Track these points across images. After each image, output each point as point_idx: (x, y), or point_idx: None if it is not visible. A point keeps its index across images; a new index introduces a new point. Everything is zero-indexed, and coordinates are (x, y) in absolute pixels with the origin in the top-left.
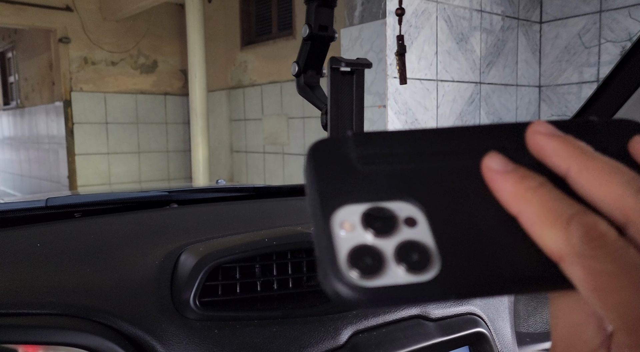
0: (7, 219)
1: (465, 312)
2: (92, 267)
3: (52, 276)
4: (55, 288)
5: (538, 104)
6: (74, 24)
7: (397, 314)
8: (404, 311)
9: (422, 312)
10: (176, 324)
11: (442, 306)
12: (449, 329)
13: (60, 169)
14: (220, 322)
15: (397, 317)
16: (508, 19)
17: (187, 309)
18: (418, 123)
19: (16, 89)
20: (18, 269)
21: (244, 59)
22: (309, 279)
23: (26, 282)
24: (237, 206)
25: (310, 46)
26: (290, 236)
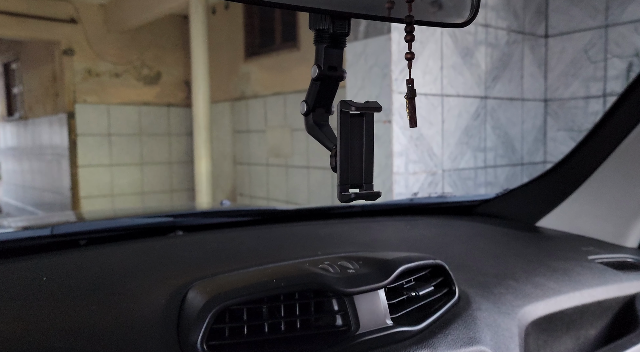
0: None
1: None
2: (98, 305)
3: (58, 316)
4: (61, 330)
5: (544, 118)
6: (78, 36)
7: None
8: None
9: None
10: None
11: (453, 347)
12: None
13: (63, 181)
14: None
15: None
16: (513, 34)
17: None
18: (423, 138)
19: (20, 100)
20: (23, 306)
21: (248, 70)
22: (317, 320)
23: (32, 323)
24: (243, 232)
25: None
26: (299, 276)
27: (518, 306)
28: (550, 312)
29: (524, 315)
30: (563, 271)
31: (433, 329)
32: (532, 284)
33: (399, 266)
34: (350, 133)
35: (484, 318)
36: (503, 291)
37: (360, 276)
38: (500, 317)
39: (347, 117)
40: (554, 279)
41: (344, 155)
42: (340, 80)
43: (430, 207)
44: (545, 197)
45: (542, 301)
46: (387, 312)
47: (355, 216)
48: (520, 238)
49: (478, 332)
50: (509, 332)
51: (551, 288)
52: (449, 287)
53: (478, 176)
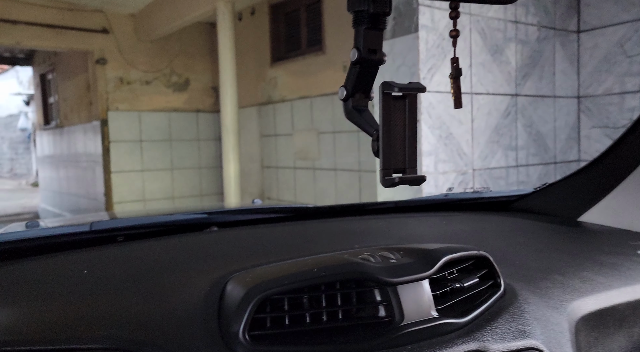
0: (53, 244)
1: (526, 346)
2: (139, 296)
3: (101, 307)
4: (105, 320)
5: (577, 116)
6: (110, 46)
7: (455, 349)
8: (461, 346)
9: (480, 347)
10: None
11: (502, 341)
12: None
13: (97, 186)
14: None
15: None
16: (544, 30)
17: (237, 342)
18: (453, 137)
19: (56, 109)
20: (67, 298)
21: (274, 75)
22: (359, 311)
23: (76, 313)
24: (277, 228)
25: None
26: (340, 265)
27: (566, 300)
28: (600, 307)
29: (573, 310)
30: (612, 265)
31: (480, 321)
32: (579, 279)
33: (442, 256)
34: (393, 116)
35: (532, 312)
36: (549, 285)
37: (403, 265)
38: (549, 312)
39: (389, 99)
40: (602, 274)
41: (386, 139)
42: (380, 64)
43: (465, 202)
44: (588, 191)
45: (591, 295)
46: (432, 303)
47: (389, 212)
48: (563, 233)
49: (527, 326)
50: (559, 327)
51: (600, 283)
52: (493, 279)
53: (510, 175)
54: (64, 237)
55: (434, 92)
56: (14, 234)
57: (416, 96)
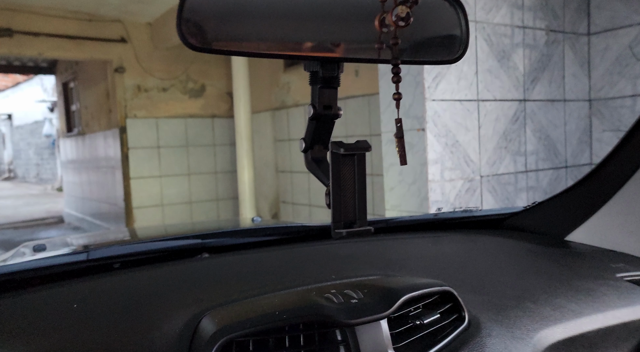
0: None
1: None
2: (120, 331)
3: (81, 344)
4: None
5: (589, 119)
6: (128, 54)
7: None
8: None
9: None
10: None
11: None
12: None
13: (117, 192)
14: None
15: None
16: (553, 33)
17: None
18: (459, 145)
19: (78, 117)
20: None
21: (287, 80)
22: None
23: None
24: (265, 254)
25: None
26: (302, 307)
27: (534, 329)
28: (569, 335)
29: (539, 340)
30: (586, 291)
31: None
32: (551, 306)
33: (402, 295)
34: (342, 172)
35: (493, 345)
36: (520, 314)
37: (362, 306)
38: (513, 343)
39: (338, 157)
40: (575, 301)
41: (336, 194)
42: (335, 119)
43: (456, 221)
44: (575, 210)
45: (560, 323)
46: (389, 342)
47: (379, 233)
48: (546, 255)
49: None
50: None
51: (571, 310)
52: (458, 313)
53: (519, 181)
54: (62, 266)
55: (439, 100)
56: (12, 265)
57: (364, 154)
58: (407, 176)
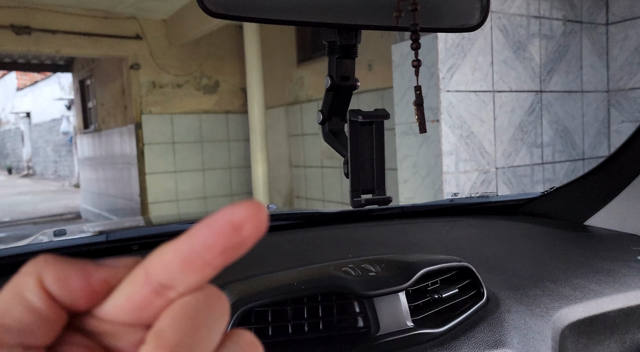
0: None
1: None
2: None
3: None
4: None
5: (607, 110)
6: (143, 51)
7: None
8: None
9: None
10: None
11: (476, 350)
12: None
13: (132, 187)
14: None
15: None
16: (570, 24)
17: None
18: (474, 136)
19: (94, 114)
20: None
21: (301, 75)
22: (340, 322)
23: None
24: (282, 236)
25: (333, 96)
26: (321, 279)
27: (553, 308)
28: (590, 314)
29: (559, 318)
30: (607, 271)
31: (456, 331)
32: (570, 286)
33: (420, 269)
34: (361, 141)
35: (512, 320)
36: (538, 293)
37: (380, 278)
38: (532, 320)
39: (356, 125)
40: (595, 281)
41: (354, 163)
42: (353, 90)
43: (472, 207)
44: (594, 195)
45: (581, 302)
46: (407, 314)
47: (394, 218)
48: (564, 238)
49: (504, 335)
50: (540, 334)
51: (592, 290)
52: (476, 289)
53: (535, 173)
54: (82, 247)
55: (454, 91)
56: (35, 245)
57: (382, 122)
58: (421, 167)
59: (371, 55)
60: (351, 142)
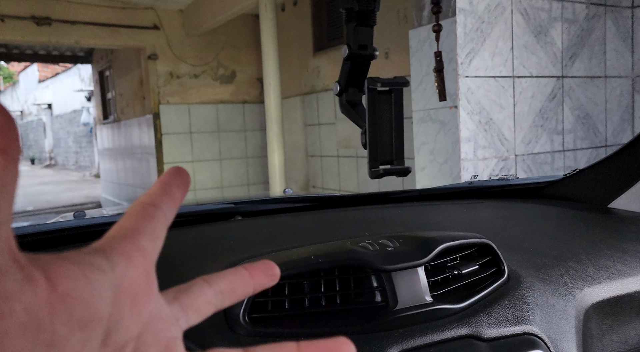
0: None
1: (522, 332)
2: None
3: None
4: None
5: (632, 96)
6: (160, 42)
7: (447, 333)
8: (454, 330)
9: (474, 332)
10: (226, 339)
11: (497, 326)
12: (503, 350)
13: (151, 177)
14: (269, 338)
15: (446, 337)
16: (594, 7)
17: (237, 324)
18: (493, 123)
19: (113, 104)
20: None
21: (317, 64)
22: (357, 296)
23: None
24: (299, 217)
25: (350, 66)
26: (338, 252)
27: (577, 287)
28: (615, 294)
29: (583, 297)
30: (633, 252)
31: (476, 307)
32: (595, 266)
33: (439, 244)
34: (379, 110)
35: (534, 298)
36: (561, 272)
37: (398, 253)
38: (555, 299)
39: (374, 94)
40: (621, 261)
41: (372, 132)
42: (371, 59)
43: (491, 190)
44: (619, 177)
45: (606, 282)
46: (426, 290)
47: (412, 200)
48: (588, 220)
49: (526, 312)
50: (563, 313)
51: (617, 270)
52: (497, 266)
53: (556, 160)
54: (100, 227)
55: (473, 77)
56: (57, 223)
57: (401, 90)
58: (439, 155)
59: (388, 43)
60: (369, 111)
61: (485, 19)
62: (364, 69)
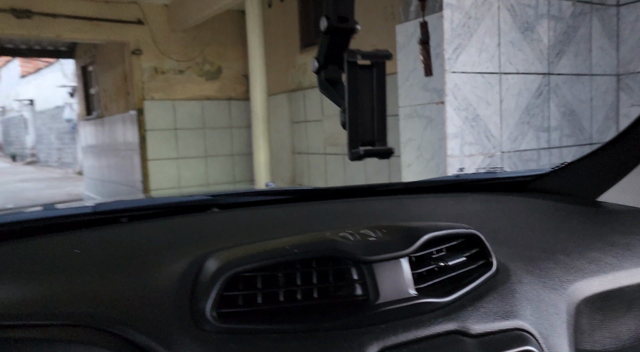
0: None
1: (511, 327)
2: (121, 274)
3: (78, 285)
4: (77, 297)
5: (616, 94)
6: (145, 36)
7: (431, 329)
8: (439, 326)
9: (460, 328)
10: (192, 336)
11: (485, 321)
12: (491, 347)
13: (135, 174)
14: (239, 336)
15: (431, 333)
16: (580, 4)
17: (204, 320)
18: (480, 119)
19: (97, 100)
20: (49, 277)
21: (304, 61)
22: (336, 290)
23: (50, 290)
24: (277, 209)
25: (329, 40)
26: (315, 242)
27: (568, 281)
28: (606, 288)
29: (574, 291)
30: (624, 245)
31: (463, 301)
32: (586, 259)
33: (424, 234)
34: (360, 86)
35: (524, 292)
36: (552, 265)
37: (381, 243)
38: (545, 292)
39: (355, 68)
40: (612, 254)
41: (352, 110)
42: (352, 33)
43: (478, 183)
44: (607, 170)
45: (597, 276)
46: (410, 283)
47: (397, 193)
48: (577, 213)
49: (516, 306)
50: (554, 308)
51: (608, 263)
52: (485, 259)
53: (542, 157)
54: (68, 218)
55: (460, 72)
56: (19, 214)
57: (384, 65)
58: (425, 151)
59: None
60: (349, 86)
61: (472, 14)
62: (344, 44)
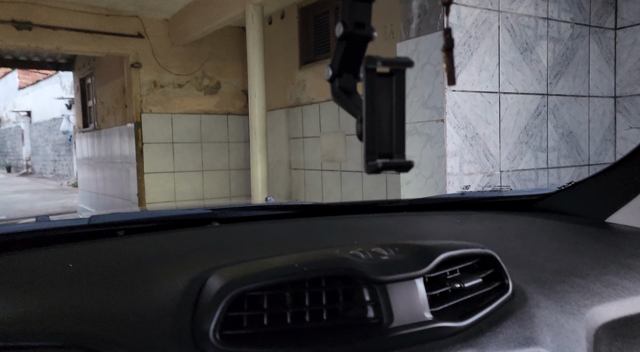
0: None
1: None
2: (116, 290)
3: (71, 301)
4: (69, 315)
5: (614, 116)
6: (144, 50)
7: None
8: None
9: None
10: None
11: (505, 347)
12: None
13: (131, 187)
14: None
15: None
16: (578, 27)
17: (207, 342)
18: (479, 138)
19: (94, 113)
20: (40, 292)
21: (303, 77)
22: (346, 311)
23: (41, 307)
24: (279, 224)
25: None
26: (325, 261)
27: (586, 305)
28: (626, 314)
29: (593, 316)
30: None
31: (481, 326)
32: (602, 283)
33: (440, 254)
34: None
35: (543, 317)
36: (567, 288)
37: (395, 262)
38: (564, 318)
39: (373, 76)
40: (629, 278)
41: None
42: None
43: (484, 201)
44: (617, 191)
45: (615, 301)
46: (425, 305)
47: (401, 210)
48: (588, 234)
49: (536, 332)
50: (574, 334)
51: (626, 287)
52: (501, 280)
53: (540, 177)
54: (61, 230)
55: (460, 91)
56: (11, 226)
57: (404, 73)
58: (425, 168)
59: None
60: (366, 95)
61: (472, 33)
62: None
